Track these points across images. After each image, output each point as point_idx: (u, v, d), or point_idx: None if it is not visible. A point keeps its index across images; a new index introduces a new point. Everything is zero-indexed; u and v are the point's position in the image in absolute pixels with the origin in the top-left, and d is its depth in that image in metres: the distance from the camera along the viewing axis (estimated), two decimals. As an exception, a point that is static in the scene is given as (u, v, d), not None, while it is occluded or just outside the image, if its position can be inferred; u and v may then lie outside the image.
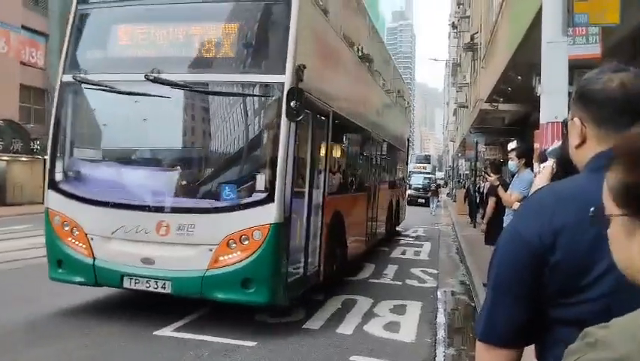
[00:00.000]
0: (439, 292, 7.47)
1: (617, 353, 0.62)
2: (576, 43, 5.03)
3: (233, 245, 4.89)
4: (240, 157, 5.44)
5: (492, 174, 6.49)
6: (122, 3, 5.97)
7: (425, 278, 8.43)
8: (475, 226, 15.85)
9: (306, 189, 5.76)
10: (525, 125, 14.10)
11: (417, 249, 11.97)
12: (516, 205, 4.92)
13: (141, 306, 5.71)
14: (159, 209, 5.13)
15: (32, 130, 21.93)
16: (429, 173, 38.29)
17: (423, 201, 29.51)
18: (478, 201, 16.96)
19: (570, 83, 4.61)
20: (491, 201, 7.41)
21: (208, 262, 4.91)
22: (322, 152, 6.37)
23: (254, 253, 4.84)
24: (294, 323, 5.50)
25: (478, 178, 17.46)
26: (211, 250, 4.92)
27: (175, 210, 5.15)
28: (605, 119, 1.09)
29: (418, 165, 38.59)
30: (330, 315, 5.87)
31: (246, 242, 4.87)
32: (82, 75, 5.54)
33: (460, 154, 37.93)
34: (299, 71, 5.03)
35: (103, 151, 5.99)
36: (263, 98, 5.27)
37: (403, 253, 11.32)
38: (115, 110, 5.89)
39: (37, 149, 21.22)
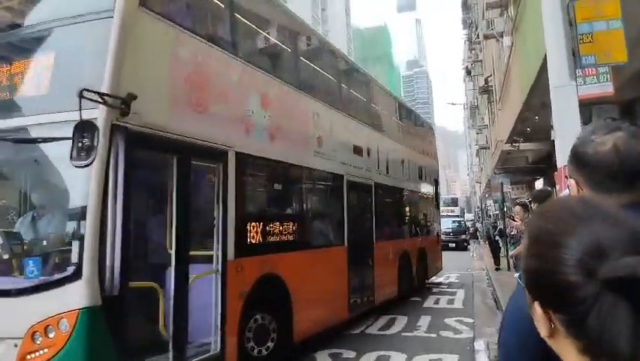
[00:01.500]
0: (476, 344, 7.20)
1: None
2: (587, 83, 5.07)
3: (39, 339, 3.68)
4: (50, 221, 4.27)
5: (517, 220, 6.41)
6: None
7: (461, 328, 8.15)
8: (509, 269, 15.38)
9: (174, 253, 4.45)
10: (550, 163, 13.95)
11: (450, 297, 11.62)
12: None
13: None
14: None
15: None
16: (457, 216, 37.76)
17: (454, 245, 28.93)
18: (501, 244, 16.52)
19: (585, 123, 4.61)
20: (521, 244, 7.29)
21: None
22: (219, 204, 5.05)
23: (60, 350, 3.59)
24: (327, 385, 5.37)
25: (506, 219, 17.11)
26: (16, 346, 3.72)
27: None
28: (599, 183, 1.09)
29: (445, 208, 38.16)
30: (364, 374, 5.72)
31: (52, 335, 3.63)
32: None
33: (487, 195, 37.43)
34: (122, 102, 3.89)
35: None
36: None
37: (436, 302, 11.01)
38: None
39: None
